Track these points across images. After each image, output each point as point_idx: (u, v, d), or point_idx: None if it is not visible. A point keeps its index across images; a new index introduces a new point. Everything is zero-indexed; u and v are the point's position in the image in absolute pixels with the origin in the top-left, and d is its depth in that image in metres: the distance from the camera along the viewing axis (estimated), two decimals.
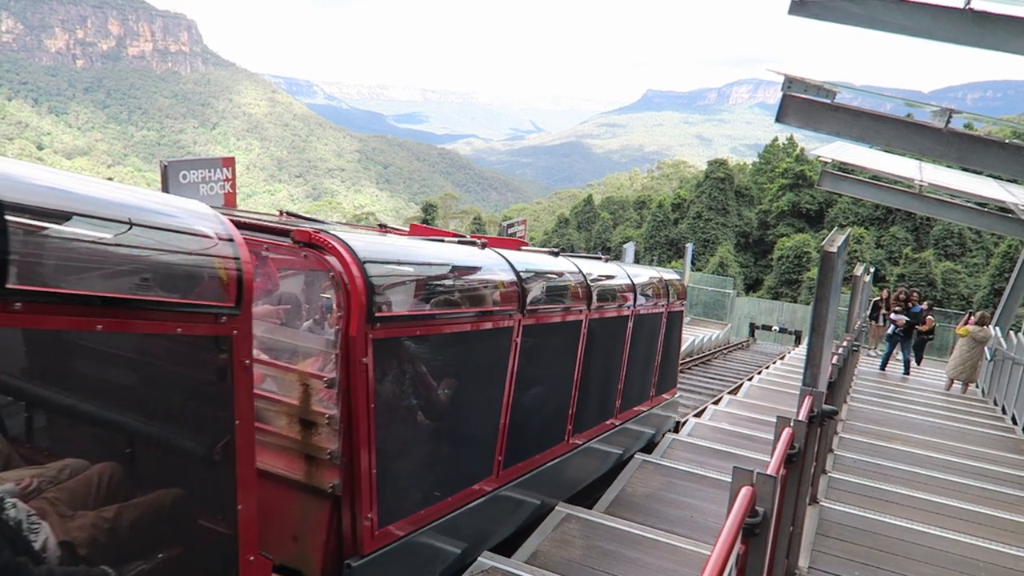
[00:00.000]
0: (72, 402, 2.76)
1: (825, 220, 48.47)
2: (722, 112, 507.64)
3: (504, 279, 4.81)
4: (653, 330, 8.19)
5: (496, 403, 4.82)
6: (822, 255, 4.51)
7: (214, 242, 2.75)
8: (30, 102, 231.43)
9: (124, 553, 2.56)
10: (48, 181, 2.37)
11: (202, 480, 2.91)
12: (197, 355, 2.81)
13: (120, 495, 2.65)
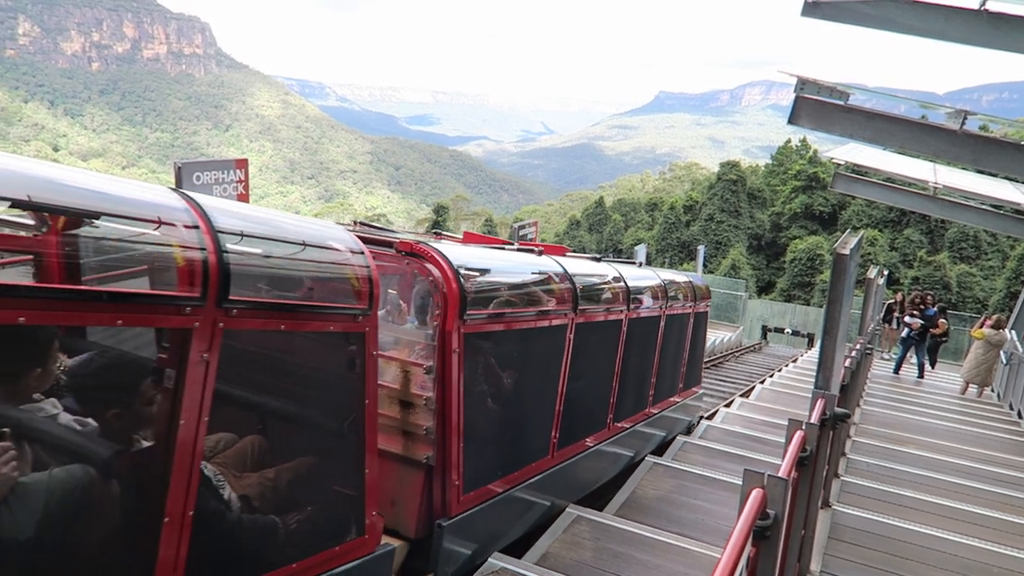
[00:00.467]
0: (249, 387, 3.32)
1: (838, 222, 48.16)
2: (735, 114, 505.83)
3: (560, 283, 5.55)
4: (682, 329, 8.89)
5: (553, 391, 5.51)
6: (835, 257, 4.48)
7: (351, 256, 3.52)
8: (46, 104, 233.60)
9: (284, 506, 3.26)
10: (251, 213, 3.35)
11: (340, 449, 3.56)
12: (341, 348, 3.53)
13: (266, 462, 3.29)
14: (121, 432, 2.65)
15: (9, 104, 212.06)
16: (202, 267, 2.66)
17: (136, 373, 2.74)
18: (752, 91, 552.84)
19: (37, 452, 2.37)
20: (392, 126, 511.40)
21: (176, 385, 2.62)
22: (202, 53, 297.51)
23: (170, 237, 2.67)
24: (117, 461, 2.58)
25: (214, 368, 2.73)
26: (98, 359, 2.72)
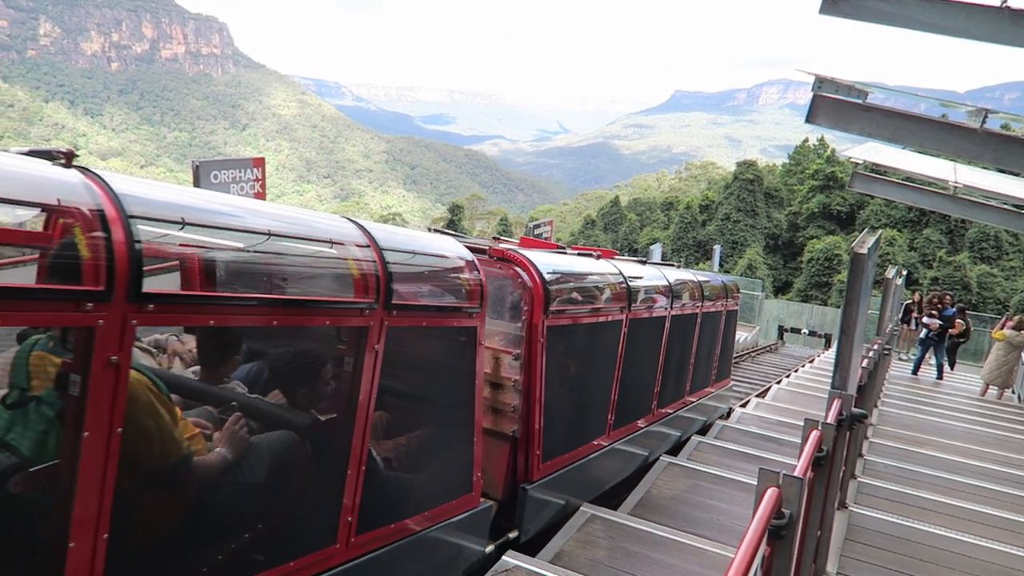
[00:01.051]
0: (399, 371, 3.87)
1: (856, 222, 47.74)
2: (751, 113, 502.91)
3: (617, 283, 6.34)
4: (715, 325, 9.71)
5: (610, 379, 6.32)
6: (852, 257, 4.45)
7: (465, 263, 4.38)
8: (66, 104, 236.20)
9: (416, 466, 4.09)
10: (398, 232, 4.13)
11: (458, 421, 4.35)
12: (461, 341, 4.31)
13: (391, 432, 3.93)
14: (314, 407, 3.39)
15: (30, 104, 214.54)
16: (375, 279, 3.43)
17: (329, 361, 3.52)
18: (769, 90, 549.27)
19: (253, 422, 3.08)
20: (408, 125, 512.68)
21: (355, 370, 3.42)
22: (219, 53, 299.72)
23: (350, 255, 3.44)
24: (313, 428, 3.35)
25: (381, 357, 3.49)
26: (297, 350, 3.52)
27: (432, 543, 4.12)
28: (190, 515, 2.84)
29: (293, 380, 3.46)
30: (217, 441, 2.95)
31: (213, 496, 2.94)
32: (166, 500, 2.76)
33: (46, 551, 2.30)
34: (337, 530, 3.41)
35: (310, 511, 3.36)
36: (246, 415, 3.05)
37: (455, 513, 4.27)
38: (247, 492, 3.04)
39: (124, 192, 2.46)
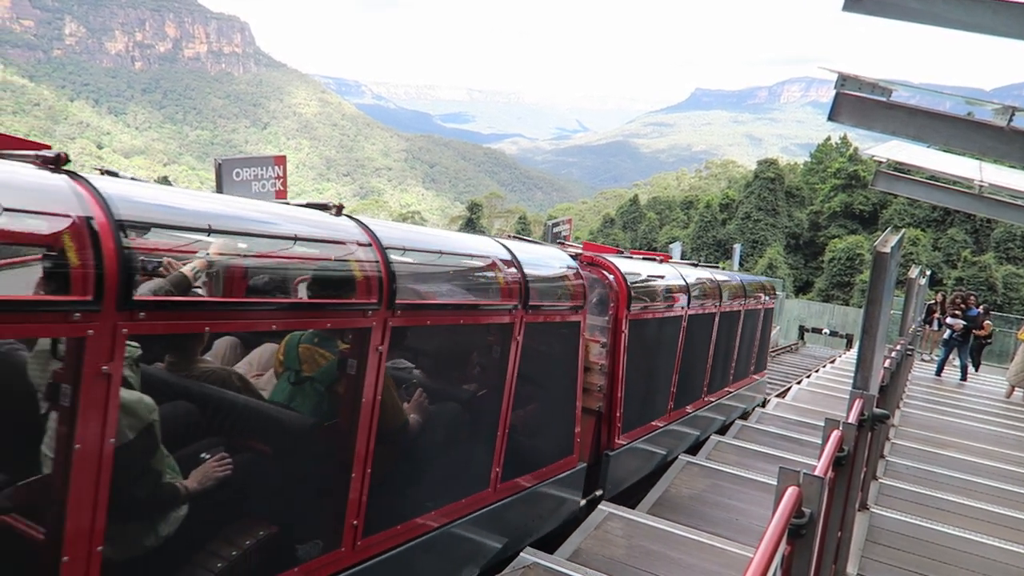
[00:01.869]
0: (529, 357, 4.72)
1: (879, 221, 47.19)
2: (773, 111, 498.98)
3: (679, 284, 7.46)
4: (755, 322, 10.84)
5: (671, 365, 7.43)
6: (875, 255, 4.41)
7: (573, 271, 5.47)
8: (91, 103, 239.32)
9: (537, 433, 5.16)
10: (532, 249, 5.25)
11: (567, 396, 5.40)
12: (570, 334, 5.31)
13: (522, 406, 4.84)
14: (479, 385, 4.56)
15: (56, 102, 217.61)
16: (519, 288, 4.53)
17: (489, 350, 4.59)
18: (791, 88, 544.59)
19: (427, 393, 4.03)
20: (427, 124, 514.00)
21: (503, 356, 4.51)
22: (241, 52, 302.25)
23: (500, 272, 4.51)
24: (473, 401, 4.50)
25: (521, 345, 4.57)
26: (469, 342, 4.63)
27: (549, 492, 5.27)
28: (407, 459, 3.92)
29: (465, 365, 4.65)
30: (408, 410, 3.86)
31: (418, 447, 4.00)
32: (395, 449, 3.73)
33: (342, 478, 3.34)
34: (489, 478, 4.52)
35: (472, 464, 4.47)
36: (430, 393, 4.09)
37: (562, 470, 5.39)
38: (434, 447, 4.21)
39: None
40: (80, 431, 2.24)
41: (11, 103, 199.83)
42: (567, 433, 5.45)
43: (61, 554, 2.26)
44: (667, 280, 7.29)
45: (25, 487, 2.39)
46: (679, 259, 18.38)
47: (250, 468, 3.09)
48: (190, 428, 3.03)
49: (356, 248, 3.37)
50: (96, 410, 2.27)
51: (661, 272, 7.32)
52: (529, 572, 4.49)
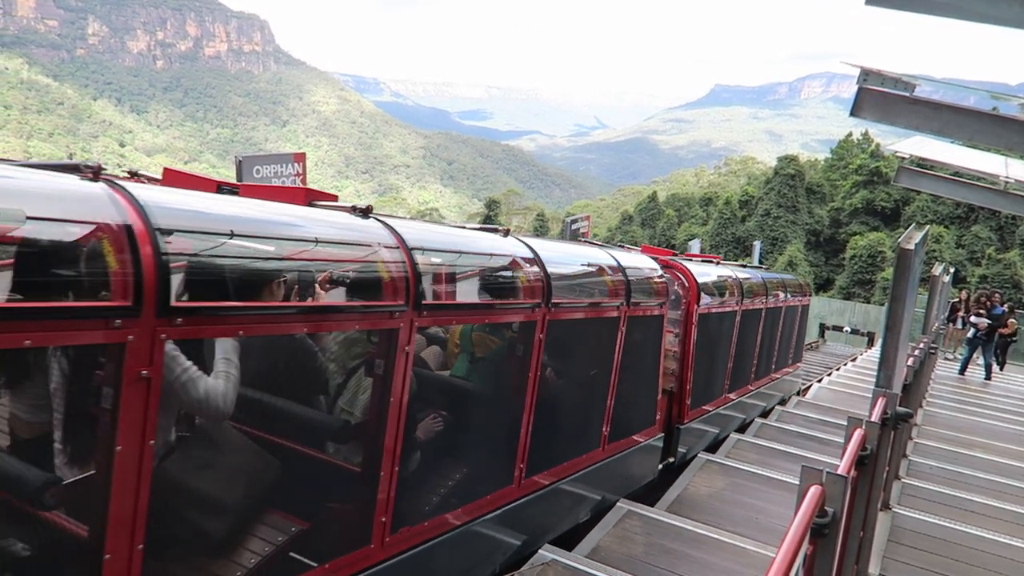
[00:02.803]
0: (628, 347, 5.78)
1: (902, 218, 46.62)
2: (793, 107, 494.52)
3: (734, 283, 8.69)
4: (794, 317, 12.32)
5: (728, 354, 8.67)
6: (898, 252, 4.35)
7: (659, 272, 6.52)
8: (113, 101, 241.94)
9: (635, 405, 6.29)
10: (632, 259, 6.27)
11: (651, 377, 6.56)
12: (657, 326, 6.44)
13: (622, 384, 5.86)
14: (599, 367, 5.61)
15: (79, 101, 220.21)
16: (624, 289, 5.64)
17: (606, 339, 5.60)
18: (812, 83, 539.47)
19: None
20: (445, 121, 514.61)
21: (612, 343, 5.58)
22: (261, 50, 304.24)
23: (611, 276, 5.63)
24: (591, 378, 5.61)
25: (624, 336, 5.63)
26: (594, 333, 5.60)
27: (640, 454, 6.43)
28: (551, 420, 4.94)
29: (589, 352, 5.65)
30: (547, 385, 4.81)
31: (559, 412, 5.17)
32: (544, 412, 4.74)
33: (514, 431, 4.48)
34: (600, 439, 5.61)
35: (589, 427, 5.56)
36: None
37: (647, 437, 6.55)
38: (566, 413, 5.35)
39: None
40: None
41: (36, 102, 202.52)
42: (653, 407, 6.67)
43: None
44: (725, 280, 8.55)
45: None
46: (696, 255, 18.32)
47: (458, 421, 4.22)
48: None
49: (524, 264, 4.51)
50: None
51: (720, 273, 8.61)
52: (548, 569, 4.49)
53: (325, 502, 3.47)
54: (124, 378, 2.29)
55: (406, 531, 3.58)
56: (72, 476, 2.50)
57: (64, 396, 2.57)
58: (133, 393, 2.31)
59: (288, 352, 3.47)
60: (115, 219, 2.28)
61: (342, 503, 3.52)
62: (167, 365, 2.46)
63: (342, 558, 3.26)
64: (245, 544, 3.00)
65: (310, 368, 3.51)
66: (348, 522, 3.45)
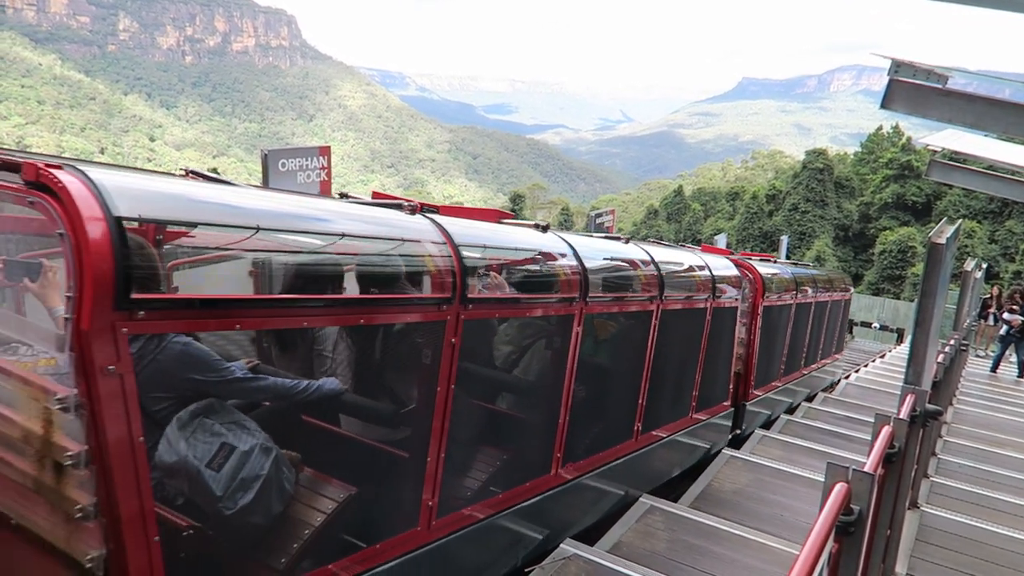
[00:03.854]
0: (710, 336, 6.86)
1: (933, 213, 45.82)
2: (823, 100, 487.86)
3: (790, 279, 9.93)
4: (837, 310, 13.83)
5: (783, 343, 9.89)
6: (929, 246, 4.28)
7: (734, 270, 7.66)
8: (144, 96, 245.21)
9: (716, 383, 7.44)
10: (717, 262, 7.56)
11: (728, 360, 7.70)
12: (732, 316, 7.47)
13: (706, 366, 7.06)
14: (687, 348, 6.66)
15: (110, 96, 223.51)
16: (709, 285, 6.73)
17: (692, 326, 6.65)
18: (841, 76, 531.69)
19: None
20: (470, 115, 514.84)
21: (699, 331, 6.68)
22: (288, 45, 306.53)
23: (700, 273, 6.74)
24: (683, 359, 6.64)
25: (709, 327, 6.75)
26: (688, 322, 6.58)
27: (717, 423, 7.59)
28: (657, 387, 5.95)
29: (691, 336, 6.66)
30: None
31: (661, 384, 6.04)
32: (657, 382, 5.93)
33: (632, 397, 5.63)
34: (689, 408, 6.75)
35: (682, 396, 6.66)
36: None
37: (723, 410, 7.73)
38: (666, 384, 6.25)
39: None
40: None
41: (68, 97, 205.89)
42: (727, 386, 7.80)
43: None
44: (783, 276, 9.69)
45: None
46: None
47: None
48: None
49: (642, 265, 5.66)
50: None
51: (779, 270, 9.83)
52: (569, 564, 4.48)
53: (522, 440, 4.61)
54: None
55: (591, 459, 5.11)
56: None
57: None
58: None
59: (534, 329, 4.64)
60: (443, 241, 3.46)
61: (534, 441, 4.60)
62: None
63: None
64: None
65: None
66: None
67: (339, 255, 3.23)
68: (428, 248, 3.47)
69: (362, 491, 3.26)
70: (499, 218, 4.73)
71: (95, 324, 2.08)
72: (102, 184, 2.16)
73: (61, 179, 2.11)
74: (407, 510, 3.49)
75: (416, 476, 3.49)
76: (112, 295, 2.10)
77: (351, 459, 3.46)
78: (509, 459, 4.33)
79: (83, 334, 2.07)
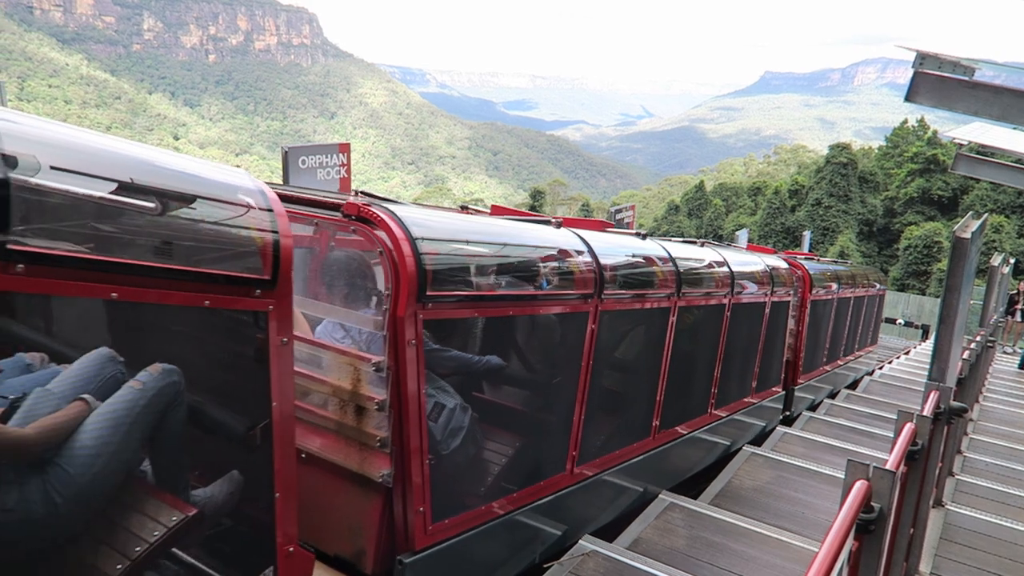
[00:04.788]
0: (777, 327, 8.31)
1: (959, 208, 45.09)
2: (847, 93, 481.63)
3: (832, 275, 10.84)
4: (873, 304, 15.48)
5: (827, 332, 10.88)
6: (954, 241, 4.21)
7: (788, 268, 8.69)
8: (168, 95, 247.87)
9: (772, 367, 8.55)
10: (819, 266, 10.96)
11: (780, 351, 8.69)
12: (785, 310, 8.46)
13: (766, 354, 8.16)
14: (748, 337, 7.48)
15: (135, 95, 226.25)
16: (768, 280, 7.66)
17: (752, 320, 7.51)
18: (866, 69, 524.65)
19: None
20: (490, 111, 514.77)
21: (759, 323, 7.60)
22: (309, 43, 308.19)
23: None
24: (745, 346, 7.47)
25: (768, 317, 7.76)
26: (752, 315, 7.55)
27: (772, 404, 8.58)
28: (733, 367, 7.16)
29: (754, 325, 7.56)
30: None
31: (732, 366, 7.05)
32: (731, 362, 7.02)
33: (710, 372, 6.60)
34: (750, 390, 7.71)
35: (744, 379, 7.53)
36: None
37: (776, 393, 8.70)
38: (737, 366, 7.27)
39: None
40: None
41: (95, 96, 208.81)
42: (779, 371, 8.69)
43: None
44: (828, 273, 10.70)
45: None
46: (744, 246, 18.14)
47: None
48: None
49: (717, 266, 6.58)
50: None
51: (824, 267, 10.98)
52: (588, 560, 4.47)
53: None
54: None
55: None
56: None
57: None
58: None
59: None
60: (585, 249, 4.47)
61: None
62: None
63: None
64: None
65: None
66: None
67: (532, 260, 4.25)
68: (575, 255, 4.51)
69: (526, 443, 4.26)
70: (603, 227, 5.89)
71: (406, 312, 3.07)
72: (403, 216, 3.15)
73: (379, 213, 3.10)
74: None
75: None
76: (416, 292, 3.09)
77: (515, 420, 4.47)
78: (624, 423, 5.46)
79: (398, 319, 3.07)
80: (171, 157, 2.45)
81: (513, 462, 4.11)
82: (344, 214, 3.15)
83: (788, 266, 8.72)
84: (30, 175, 1.85)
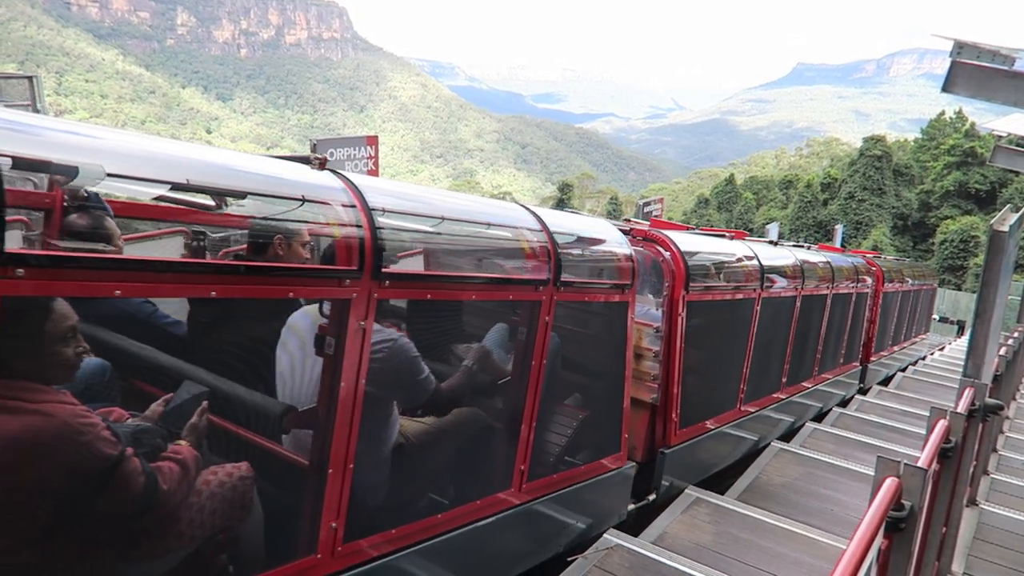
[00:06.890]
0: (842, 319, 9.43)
1: (997, 201, 44.10)
2: (882, 84, 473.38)
3: (897, 271, 12.18)
4: (927, 298, 17.27)
5: (893, 319, 12.52)
6: (991, 234, 4.11)
7: (864, 264, 10.59)
8: (200, 89, 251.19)
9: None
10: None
11: (857, 336, 10.48)
12: (862, 300, 10.22)
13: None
14: (828, 328, 8.70)
15: (169, 90, 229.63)
16: (829, 274, 8.43)
17: (844, 309, 9.39)
18: (901, 60, 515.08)
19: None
20: (519, 104, 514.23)
21: (821, 315, 8.39)
22: (339, 37, 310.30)
23: (822, 266, 8.38)
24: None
25: (852, 305, 9.62)
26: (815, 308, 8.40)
27: (846, 380, 9.96)
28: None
29: (839, 312, 8.92)
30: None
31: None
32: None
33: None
34: (837, 364, 9.30)
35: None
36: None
37: (852, 369, 10.17)
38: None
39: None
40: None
41: (130, 91, 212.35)
42: (857, 349, 10.20)
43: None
44: (895, 268, 12.09)
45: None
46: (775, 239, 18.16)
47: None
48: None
49: (820, 266, 8.22)
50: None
51: (892, 265, 12.25)
52: (612, 554, 4.45)
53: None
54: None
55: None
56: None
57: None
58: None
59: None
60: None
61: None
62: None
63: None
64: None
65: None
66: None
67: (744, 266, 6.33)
68: (745, 259, 6.46)
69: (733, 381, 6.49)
70: (740, 236, 7.25)
71: (679, 295, 5.09)
72: (670, 237, 5.32)
73: (661, 236, 5.28)
74: (732, 399, 6.54)
75: (737, 378, 6.68)
76: (684, 284, 5.12)
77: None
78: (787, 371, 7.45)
79: (674, 301, 5.11)
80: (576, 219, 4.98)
81: (724, 391, 6.30)
82: (636, 236, 5.20)
83: (867, 265, 10.60)
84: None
